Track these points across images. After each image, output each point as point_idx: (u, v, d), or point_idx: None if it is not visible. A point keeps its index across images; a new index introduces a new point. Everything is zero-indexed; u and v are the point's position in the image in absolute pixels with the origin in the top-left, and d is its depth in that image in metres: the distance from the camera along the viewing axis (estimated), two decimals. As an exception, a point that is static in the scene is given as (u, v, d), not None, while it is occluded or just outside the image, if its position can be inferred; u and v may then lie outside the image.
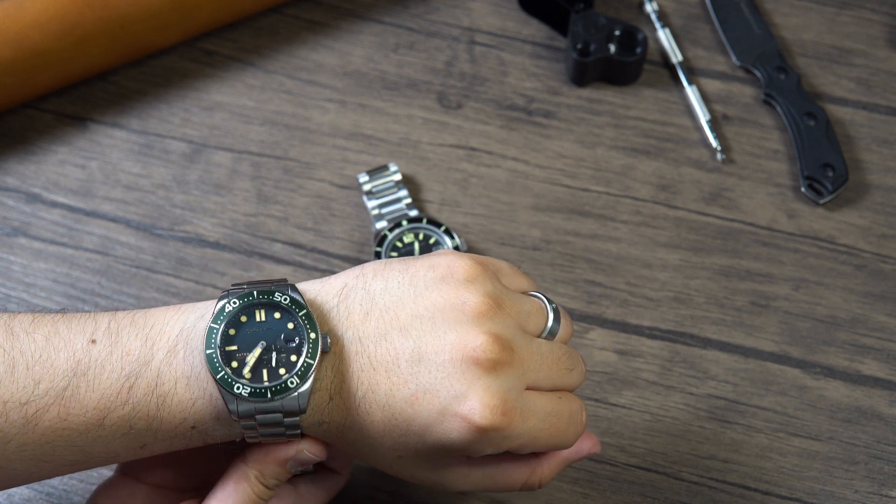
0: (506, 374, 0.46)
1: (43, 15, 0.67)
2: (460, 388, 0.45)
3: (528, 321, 0.49)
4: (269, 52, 0.74)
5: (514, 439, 0.47)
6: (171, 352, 0.46)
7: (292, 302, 0.47)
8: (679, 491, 0.60)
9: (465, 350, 0.46)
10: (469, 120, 0.71)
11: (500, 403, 0.46)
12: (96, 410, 0.46)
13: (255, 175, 0.69)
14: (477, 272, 0.48)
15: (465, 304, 0.47)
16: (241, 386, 0.45)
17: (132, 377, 0.46)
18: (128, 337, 0.47)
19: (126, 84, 0.73)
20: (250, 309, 0.47)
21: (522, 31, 0.75)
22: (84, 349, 0.46)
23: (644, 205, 0.68)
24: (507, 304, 0.48)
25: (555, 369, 0.49)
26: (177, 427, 0.47)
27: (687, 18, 0.76)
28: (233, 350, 0.46)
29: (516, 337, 0.47)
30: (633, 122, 0.72)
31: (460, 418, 0.45)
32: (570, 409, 0.49)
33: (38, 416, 0.45)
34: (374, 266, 0.49)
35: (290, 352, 0.46)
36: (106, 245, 0.67)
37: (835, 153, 0.69)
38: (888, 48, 0.74)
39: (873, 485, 0.60)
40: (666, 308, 0.65)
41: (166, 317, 0.48)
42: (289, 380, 0.46)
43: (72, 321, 0.47)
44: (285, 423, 0.46)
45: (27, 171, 0.70)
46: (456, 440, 0.46)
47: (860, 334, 0.64)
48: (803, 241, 0.67)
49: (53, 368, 0.46)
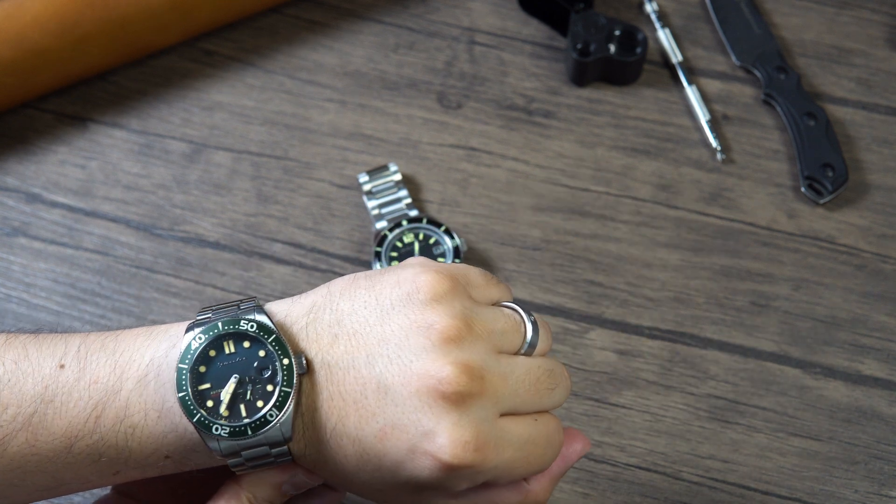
0: (476, 406, 0.43)
1: (43, 14, 0.67)
2: (428, 424, 0.43)
3: (503, 340, 0.46)
4: (269, 52, 0.74)
5: (489, 472, 0.44)
6: (140, 382, 0.45)
7: (260, 328, 0.45)
8: (679, 491, 0.60)
9: (432, 382, 0.43)
10: (469, 120, 0.71)
11: (472, 439, 0.43)
12: (64, 438, 0.45)
13: (255, 175, 0.69)
14: (443, 289, 0.45)
15: (432, 327, 0.44)
16: (220, 427, 0.44)
17: (100, 406, 0.45)
18: (97, 363, 0.45)
19: (126, 84, 0.73)
20: (218, 342, 0.45)
21: (522, 31, 0.75)
22: (52, 374, 0.45)
23: (644, 205, 0.68)
24: (477, 325, 0.45)
25: (533, 391, 0.46)
26: (149, 457, 0.45)
27: (687, 18, 0.76)
28: (206, 389, 0.44)
29: (488, 362, 0.44)
30: (633, 122, 0.72)
31: (430, 457, 0.43)
32: (548, 432, 0.46)
33: (6, 441, 0.45)
34: (342, 284, 0.47)
35: (265, 382, 0.44)
36: (106, 245, 0.67)
37: (835, 153, 0.69)
38: (888, 48, 0.74)
39: (873, 485, 0.60)
40: (666, 308, 0.65)
41: (136, 343, 0.46)
42: (268, 413, 0.44)
43: (42, 344, 0.46)
44: (273, 454, 0.45)
45: (27, 171, 0.70)
46: (427, 479, 0.43)
47: (860, 334, 0.64)
48: (803, 241, 0.67)
49: (21, 394, 0.45)
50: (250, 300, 0.47)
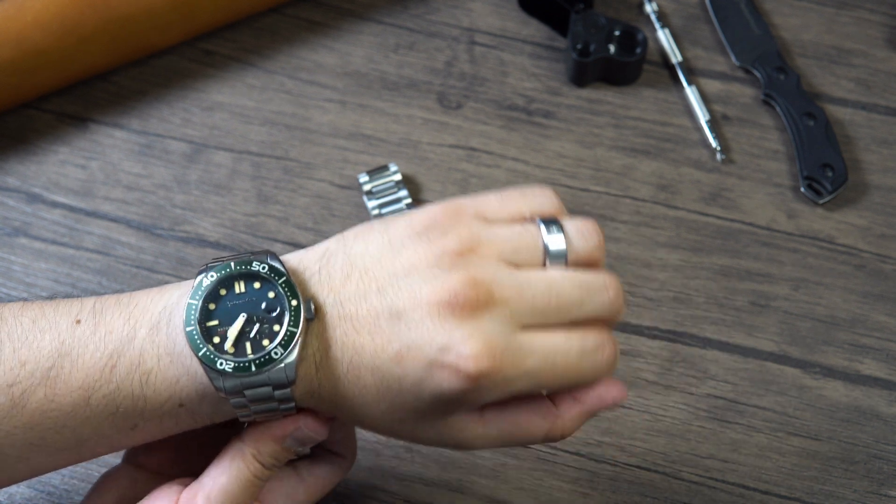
0: (488, 317, 0.44)
1: (43, 15, 0.67)
2: (442, 338, 0.44)
3: (517, 255, 0.46)
4: (269, 52, 0.74)
5: (514, 382, 0.45)
6: (153, 329, 0.46)
7: (271, 270, 0.46)
8: (679, 491, 0.60)
9: (441, 299, 0.44)
10: (469, 120, 0.72)
11: (486, 347, 0.43)
12: (81, 390, 0.46)
13: (256, 175, 0.70)
14: (451, 219, 0.46)
15: (441, 254, 0.45)
16: (224, 361, 0.44)
17: (115, 355, 0.46)
18: (111, 316, 0.46)
19: (126, 84, 0.73)
20: (229, 281, 0.46)
21: (522, 31, 0.75)
22: (68, 330, 0.46)
23: (644, 205, 0.69)
24: (485, 244, 0.46)
25: (555, 304, 0.46)
26: (163, 405, 0.46)
27: (687, 18, 0.76)
28: (214, 325, 0.45)
29: (498, 275, 0.45)
30: (632, 122, 0.72)
31: (448, 369, 0.44)
32: (583, 344, 0.46)
33: (24, 397, 0.45)
34: (356, 229, 0.48)
35: (273, 321, 0.45)
36: (106, 245, 0.67)
37: (834, 153, 0.69)
38: (888, 48, 0.74)
39: (872, 484, 0.60)
40: (666, 308, 0.65)
41: (150, 296, 0.47)
42: (273, 350, 0.45)
43: (59, 304, 0.47)
44: (276, 397, 0.45)
45: (28, 171, 0.70)
46: (448, 391, 0.44)
47: (860, 334, 0.64)
48: (803, 241, 0.67)
49: (39, 349, 0.46)
50: (266, 251, 0.48)
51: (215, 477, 0.47)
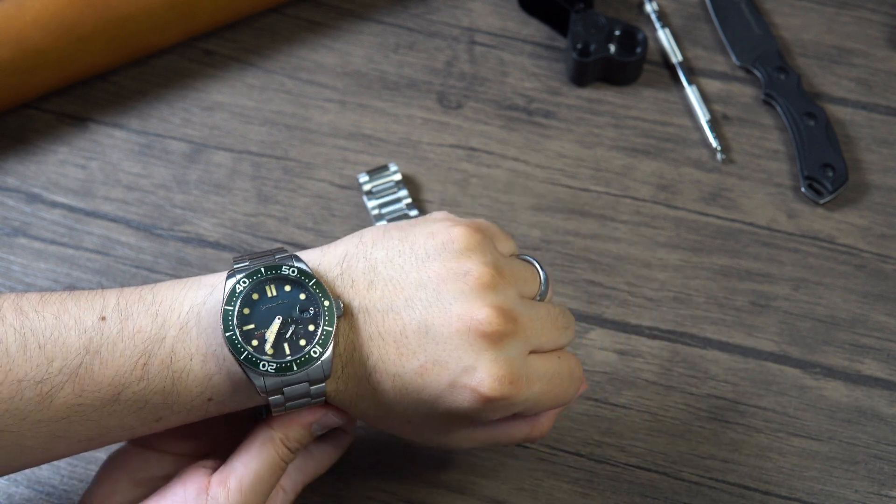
0: (511, 344, 0.47)
1: (43, 14, 0.67)
2: (468, 360, 0.47)
3: (525, 286, 0.50)
4: (269, 52, 0.74)
5: (521, 404, 0.48)
6: (183, 329, 0.47)
7: (300, 273, 0.48)
8: (679, 491, 0.60)
9: (472, 323, 0.47)
10: (469, 120, 0.71)
11: (508, 374, 0.47)
12: (111, 387, 0.46)
13: (255, 175, 0.69)
14: (476, 241, 0.49)
15: (468, 274, 0.48)
16: (266, 363, 0.46)
17: (146, 354, 0.47)
18: (137, 314, 0.47)
19: (126, 84, 0.73)
20: (261, 286, 0.48)
21: (522, 31, 0.75)
22: (95, 327, 0.47)
23: (644, 205, 0.68)
24: (506, 273, 0.49)
25: (553, 330, 0.50)
26: (193, 400, 0.48)
27: (687, 18, 0.76)
28: (251, 329, 0.47)
29: (517, 305, 0.49)
30: (633, 122, 0.72)
31: (470, 390, 0.47)
32: (570, 367, 0.51)
33: (52, 393, 0.46)
34: (372, 233, 0.50)
35: (307, 322, 0.47)
36: (106, 245, 0.67)
37: (835, 153, 0.69)
38: (888, 48, 0.74)
39: (873, 485, 0.60)
40: (666, 308, 0.65)
41: (174, 293, 0.48)
42: (311, 350, 0.47)
43: (80, 298, 0.48)
44: (312, 392, 0.47)
45: (27, 171, 0.70)
46: (465, 409, 0.47)
47: (860, 334, 0.64)
48: (803, 240, 0.67)
49: (66, 346, 0.46)
50: (282, 250, 0.49)
51: (246, 462, 0.49)
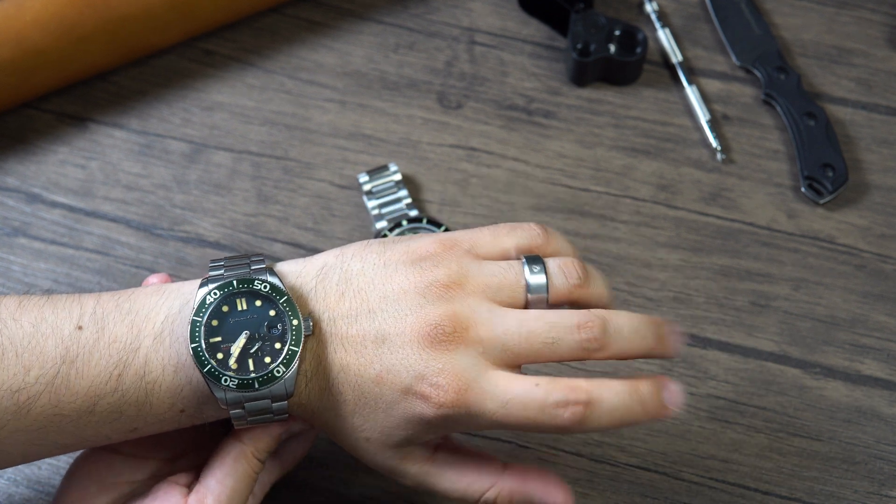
0: (461, 352, 0.47)
1: (43, 14, 0.67)
2: (419, 367, 0.46)
3: (500, 292, 0.48)
4: (269, 52, 0.74)
5: (476, 419, 0.47)
6: (157, 339, 0.47)
7: (272, 289, 0.48)
8: (679, 491, 0.60)
9: (423, 330, 0.47)
10: (469, 120, 0.71)
11: (454, 382, 0.46)
12: (87, 397, 0.46)
13: (255, 175, 0.69)
14: (443, 252, 0.49)
15: (430, 285, 0.48)
16: (229, 378, 0.46)
17: (120, 365, 0.47)
18: (114, 323, 0.47)
19: (126, 84, 0.73)
20: (231, 298, 0.48)
21: (522, 31, 0.75)
22: (72, 336, 0.47)
23: (644, 205, 0.68)
24: (470, 281, 0.48)
25: (526, 343, 0.47)
26: (166, 412, 0.48)
27: (687, 18, 0.76)
28: (217, 341, 0.47)
29: (478, 313, 0.47)
30: (633, 122, 0.72)
31: (420, 397, 0.46)
32: (546, 399, 0.46)
33: (29, 403, 0.46)
34: (355, 246, 0.50)
35: (274, 339, 0.47)
36: (106, 245, 0.67)
37: (835, 153, 0.69)
38: (888, 48, 0.74)
39: (873, 485, 0.60)
40: (666, 308, 0.65)
41: (150, 302, 0.48)
42: (275, 369, 0.47)
43: (57, 305, 0.48)
44: (273, 409, 0.47)
45: (27, 171, 0.70)
46: (418, 416, 0.47)
47: (860, 334, 0.64)
48: (803, 240, 0.67)
49: (43, 355, 0.46)
50: (259, 259, 0.49)
51: (221, 479, 0.49)
